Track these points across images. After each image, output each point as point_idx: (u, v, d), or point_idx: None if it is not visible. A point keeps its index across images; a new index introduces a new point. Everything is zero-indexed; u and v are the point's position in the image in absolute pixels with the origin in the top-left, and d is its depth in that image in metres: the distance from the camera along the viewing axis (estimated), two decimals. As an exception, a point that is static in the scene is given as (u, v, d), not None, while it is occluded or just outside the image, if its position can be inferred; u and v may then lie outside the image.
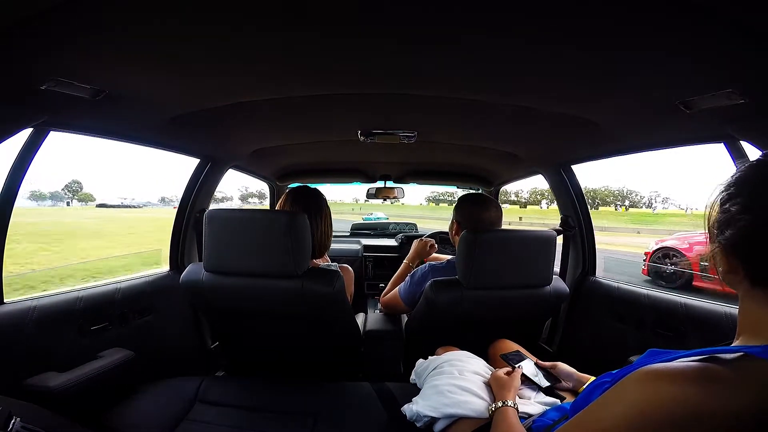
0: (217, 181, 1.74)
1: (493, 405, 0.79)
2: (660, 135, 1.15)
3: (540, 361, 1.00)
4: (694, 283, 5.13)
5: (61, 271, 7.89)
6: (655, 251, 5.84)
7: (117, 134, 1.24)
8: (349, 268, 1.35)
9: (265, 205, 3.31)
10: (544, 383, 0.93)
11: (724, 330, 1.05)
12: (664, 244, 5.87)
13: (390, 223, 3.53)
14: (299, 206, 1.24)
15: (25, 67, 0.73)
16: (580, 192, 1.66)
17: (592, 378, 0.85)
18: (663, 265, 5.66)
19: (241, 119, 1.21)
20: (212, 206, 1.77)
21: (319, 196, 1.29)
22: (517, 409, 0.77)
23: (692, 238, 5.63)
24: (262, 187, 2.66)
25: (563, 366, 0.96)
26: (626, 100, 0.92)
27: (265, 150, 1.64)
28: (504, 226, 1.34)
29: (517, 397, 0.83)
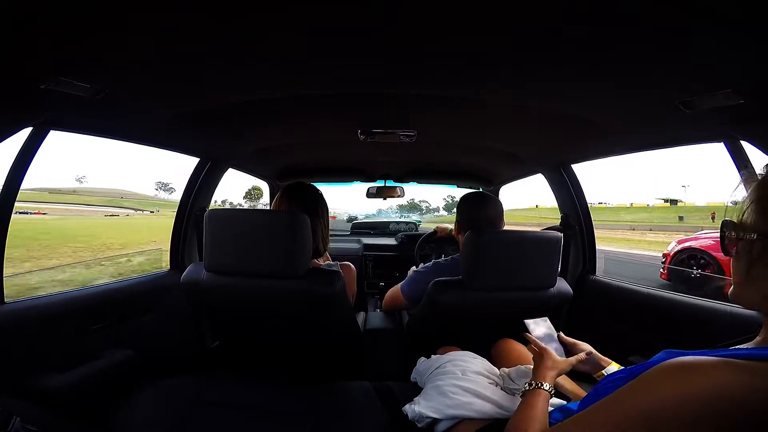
0: (218, 180, 1.74)
1: (526, 384, 0.75)
2: (660, 135, 1.15)
3: (564, 337, 0.91)
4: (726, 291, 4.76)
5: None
6: (676, 253, 5.17)
7: (117, 134, 1.24)
8: (351, 265, 1.34)
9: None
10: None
11: (726, 329, 1.05)
12: (689, 244, 5.16)
13: (390, 222, 3.53)
14: (297, 205, 1.21)
15: (25, 67, 0.73)
16: (581, 191, 1.66)
17: (613, 363, 0.82)
18: (687, 268, 4.93)
19: (241, 119, 1.21)
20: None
21: (315, 193, 1.26)
22: (552, 394, 0.72)
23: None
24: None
25: (585, 346, 0.88)
26: (626, 100, 0.92)
27: (265, 149, 1.64)
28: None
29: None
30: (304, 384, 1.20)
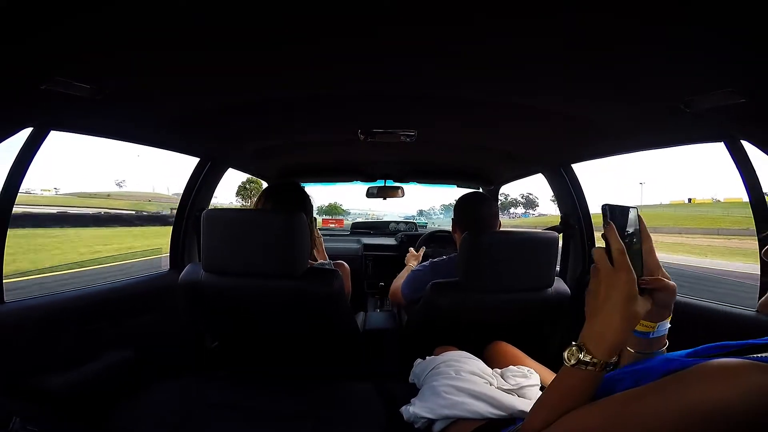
0: (218, 180, 1.74)
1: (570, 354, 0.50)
2: (660, 134, 1.15)
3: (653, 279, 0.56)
4: None
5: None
6: None
7: (117, 134, 1.24)
8: (345, 264, 1.35)
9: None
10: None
11: (723, 329, 1.05)
12: None
13: (390, 222, 3.53)
14: (281, 204, 1.19)
15: (24, 67, 0.73)
16: (581, 191, 1.66)
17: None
18: None
19: (241, 119, 1.21)
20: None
21: (300, 191, 1.24)
22: (608, 369, 0.50)
23: None
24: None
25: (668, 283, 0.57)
26: (626, 100, 0.92)
27: (265, 149, 1.64)
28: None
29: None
30: (304, 385, 1.20)
